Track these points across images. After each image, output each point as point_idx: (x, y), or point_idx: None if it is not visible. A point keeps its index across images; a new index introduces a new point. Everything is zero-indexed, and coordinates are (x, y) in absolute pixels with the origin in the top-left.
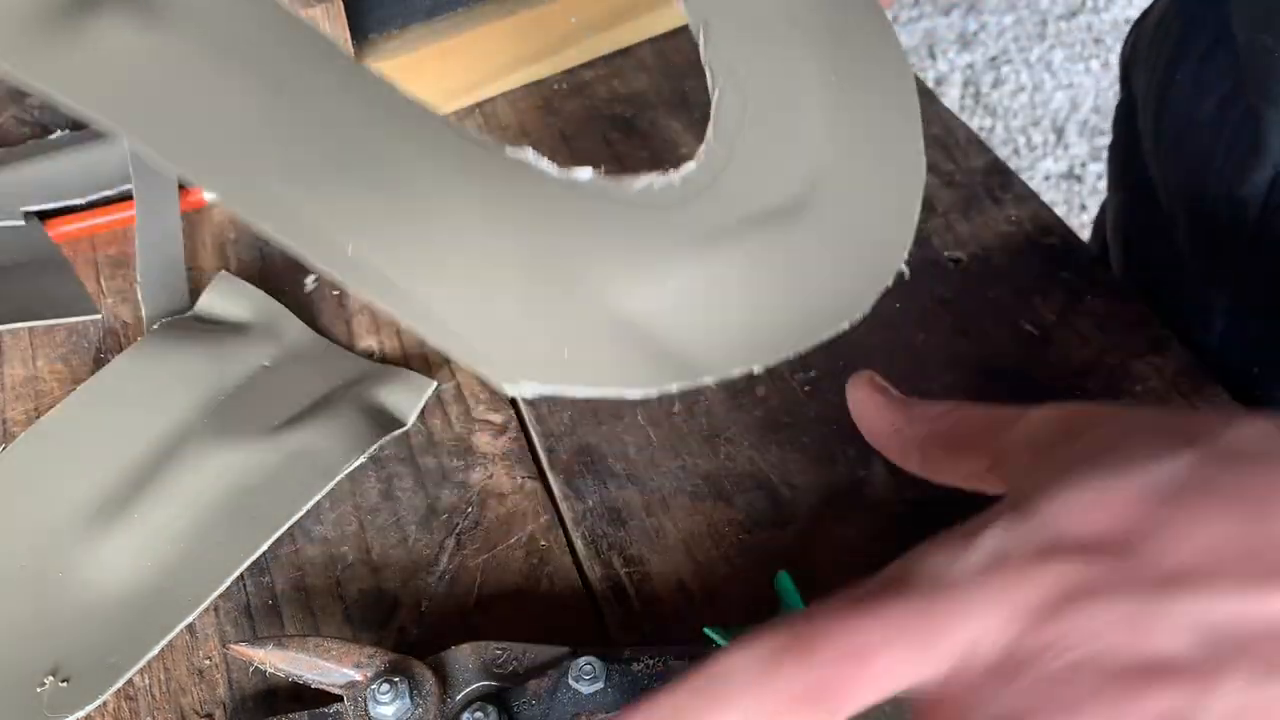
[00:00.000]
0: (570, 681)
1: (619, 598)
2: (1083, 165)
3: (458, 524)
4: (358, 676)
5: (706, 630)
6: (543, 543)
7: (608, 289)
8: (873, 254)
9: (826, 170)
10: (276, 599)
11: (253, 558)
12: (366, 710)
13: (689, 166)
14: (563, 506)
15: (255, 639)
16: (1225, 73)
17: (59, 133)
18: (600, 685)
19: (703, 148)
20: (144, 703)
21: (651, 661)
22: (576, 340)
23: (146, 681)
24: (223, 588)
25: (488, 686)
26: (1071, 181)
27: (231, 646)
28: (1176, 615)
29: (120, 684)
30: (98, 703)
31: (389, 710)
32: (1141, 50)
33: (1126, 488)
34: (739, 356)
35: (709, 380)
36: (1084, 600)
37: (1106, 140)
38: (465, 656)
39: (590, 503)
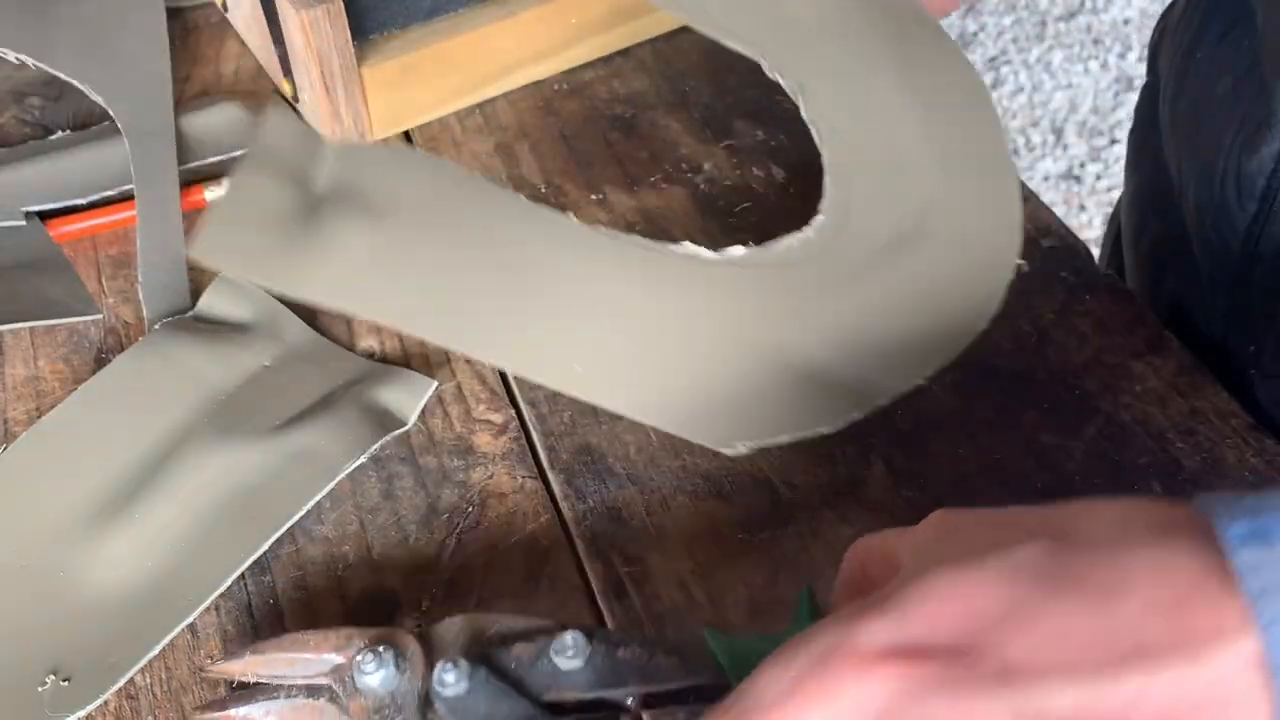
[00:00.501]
0: (552, 654)
1: (619, 597)
2: (1082, 166)
3: (458, 524)
4: (340, 659)
5: (706, 631)
6: (543, 542)
7: (785, 342)
8: (990, 257)
9: (936, 195)
10: (277, 598)
11: (253, 557)
12: (355, 685)
13: (819, 219)
14: (563, 506)
15: (228, 654)
16: (1244, 52)
17: (59, 133)
18: (579, 663)
19: (825, 199)
20: (145, 701)
21: (639, 650)
22: (774, 395)
23: (148, 680)
24: (223, 587)
25: (473, 655)
26: (1070, 182)
27: (209, 668)
28: (1007, 707)
29: (121, 683)
30: (99, 702)
31: (374, 680)
32: (1168, 33)
33: (978, 580)
34: (903, 375)
35: (885, 402)
36: (920, 697)
37: (1105, 141)
38: (455, 626)
39: (591, 503)
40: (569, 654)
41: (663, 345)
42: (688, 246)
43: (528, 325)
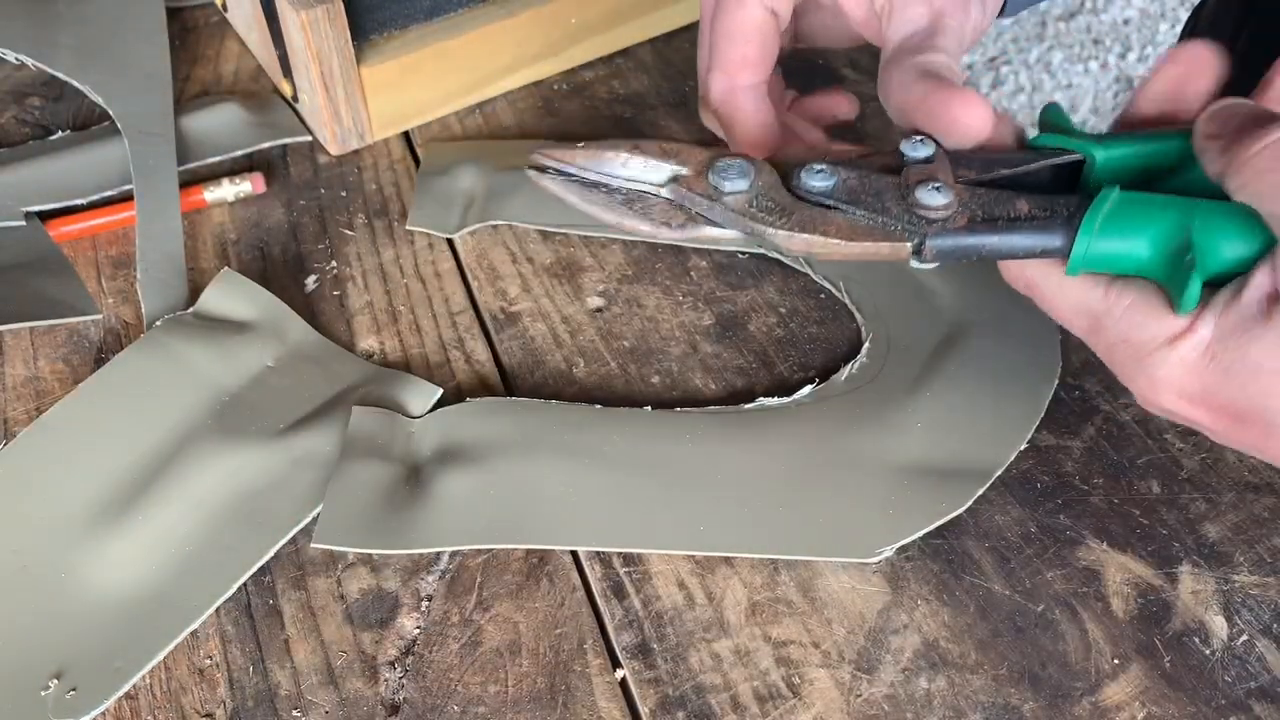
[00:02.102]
0: (903, 152)
1: (619, 597)
2: None
3: None
4: (685, 170)
5: (1033, 140)
6: None
7: (884, 450)
8: (1031, 365)
9: (963, 322)
10: (277, 598)
11: (260, 563)
12: (716, 188)
13: (865, 345)
14: None
15: (558, 155)
16: (1275, 53)
17: (59, 133)
18: (930, 151)
19: (863, 321)
20: (145, 701)
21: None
22: (896, 497)
23: (148, 681)
24: (229, 593)
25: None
26: None
27: (542, 152)
28: None
29: (126, 689)
30: (102, 708)
31: (739, 184)
32: (1202, 30)
33: None
34: (1008, 442)
35: (1000, 471)
36: None
37: None
38: (785, 153)
39: None
40: (922, 143)
41: (773, 489)
42: (761, 401)
43: (640, 507)
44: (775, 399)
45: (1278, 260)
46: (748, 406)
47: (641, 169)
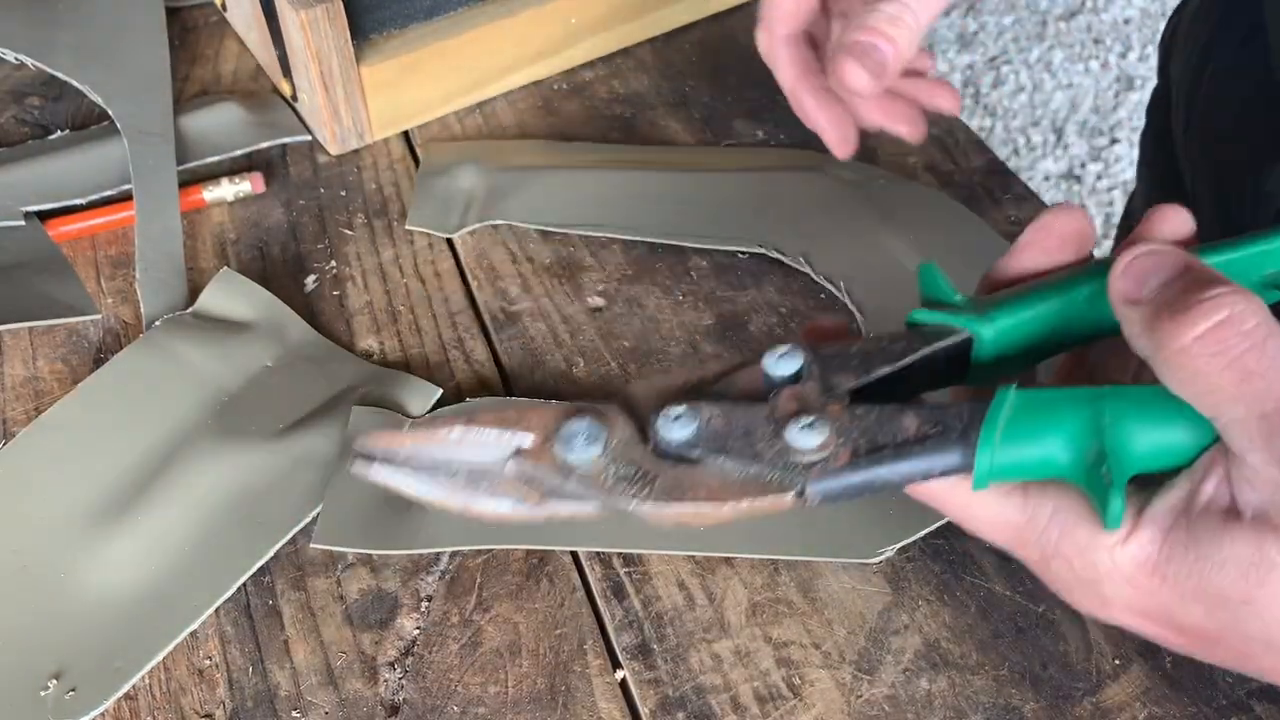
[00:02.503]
0: (767, 369)
1: (619, 597)
2: (1082, 165)
3: None
4: (533, 439)
5: (910, 317)
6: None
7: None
8: None
9: None
10: (277, 599)
11: (259, 563)
12: (563, 459)
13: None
14: None
15: (380, 434)
16: (1257, 63)
17: (59, 133)
18: (799, 365)
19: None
20: (144, 702)
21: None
22: (894, 504)
23: (147, 681)
24: (229, 593)
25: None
26: (1071, 182)
27: (363, 442)
28: None
29: (125, 689)
30: (101, 708)
31: (587, 455)
32: (1180, 36)
33: None
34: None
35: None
36: None
37: (1106, 141)
38: (643, 387)
39: None
40: (782, 354)
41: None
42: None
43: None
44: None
45: (1230, 468)
46: None
47: (478, 446)
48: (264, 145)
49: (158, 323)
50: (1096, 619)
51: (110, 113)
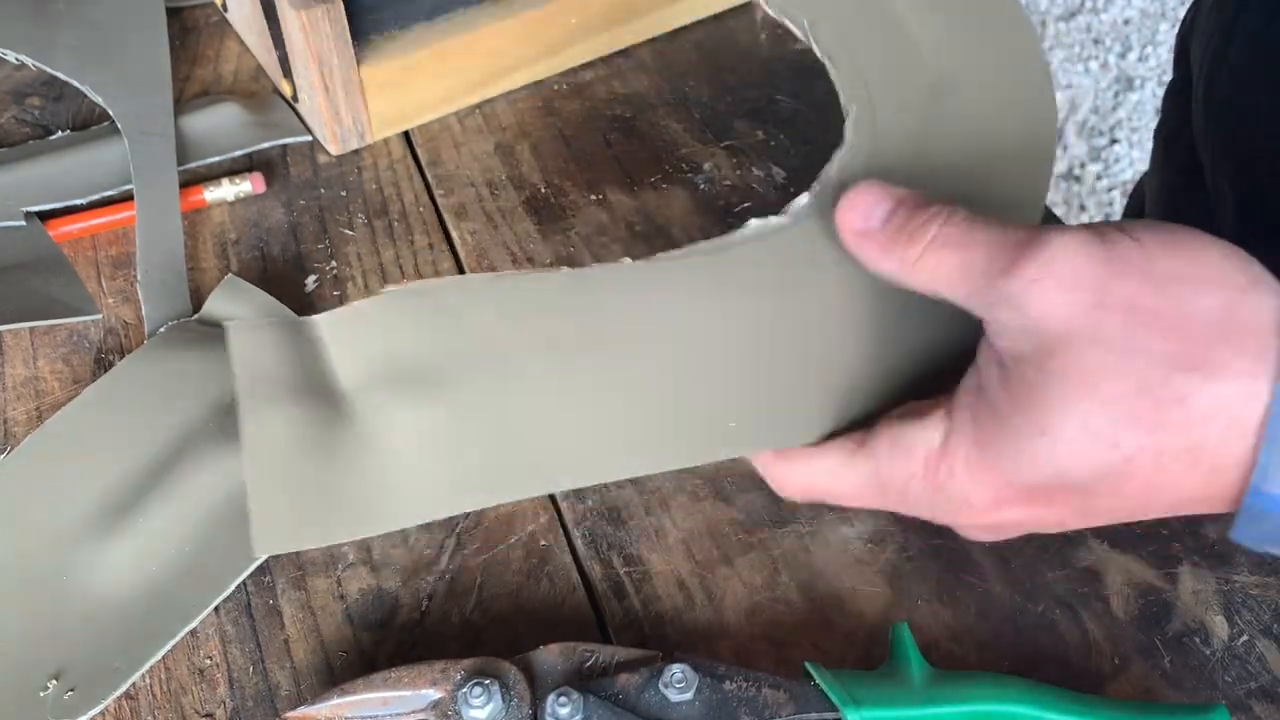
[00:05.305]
0: (660, 686)
1: (619, 597)
2: (1082, 165)
3: (458, 523)
4: (439, 694)
5: (807, 665)
6: (543, 542)
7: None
8: (1020, 126)
9: (950, 72)
10: (276, 599)
11: (257, 563)
12: (460, 715)
13: (848, 131)
14: (562, 506)
15: (313, 698)
16: (1277, 52)
17: (59, 133)
18: (689, 696)
19: (850, 118)
20: (145, 701)
21: (744, 684)
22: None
23: (147, 681)
24: (227, 593)
25: (575, 686)
26: (1071, 182)
27: (287, 716)
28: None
29: (124, 689)
30: (101, 708)
31: (482, 713)
32: (1200, 26)
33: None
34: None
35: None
36: None
37: (1105, 141)
38: (553, 656)
39: (590, 502)
40: (679, 686)
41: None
42: (752, 224)
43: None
44: (772, 218)
45: (991, 341)
46: (738, 235)
47: (400, 703)
48: (264, 145)
49: (162, 329)
50: (972, 532)
51: (111, 113)
